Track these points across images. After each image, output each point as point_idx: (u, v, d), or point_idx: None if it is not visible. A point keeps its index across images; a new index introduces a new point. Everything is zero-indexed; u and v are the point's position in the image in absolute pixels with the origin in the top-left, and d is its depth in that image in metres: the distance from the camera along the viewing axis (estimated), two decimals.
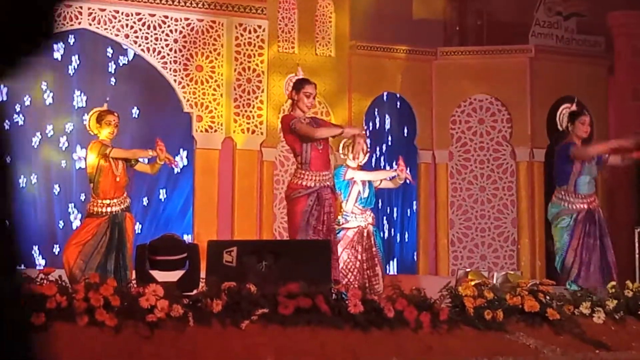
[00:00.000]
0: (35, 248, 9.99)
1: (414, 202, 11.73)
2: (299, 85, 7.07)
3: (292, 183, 7.07)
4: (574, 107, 7.77)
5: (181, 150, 10.51)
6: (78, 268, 7.57)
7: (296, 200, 6.93)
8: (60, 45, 10.27)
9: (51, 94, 10.23)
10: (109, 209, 7.81)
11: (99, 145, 7.89)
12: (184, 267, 7.13)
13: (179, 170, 10.51)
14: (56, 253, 9.71)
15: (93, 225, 7.79)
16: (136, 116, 10.46)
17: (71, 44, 10.32)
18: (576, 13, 11.91)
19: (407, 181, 8.58)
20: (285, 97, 11.04)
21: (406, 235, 11.62)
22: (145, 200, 10.48)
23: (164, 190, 10.62)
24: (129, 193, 8.12)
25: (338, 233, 7.77)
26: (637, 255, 10.07)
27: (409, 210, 11.77)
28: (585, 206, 7.56)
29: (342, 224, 8.15)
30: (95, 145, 7.90)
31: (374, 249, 8.20)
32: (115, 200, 7.84)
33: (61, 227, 10.04)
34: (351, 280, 7.78)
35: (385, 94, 11.69)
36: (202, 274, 6.77)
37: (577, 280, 7.43)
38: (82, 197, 9.41)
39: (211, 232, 10.19)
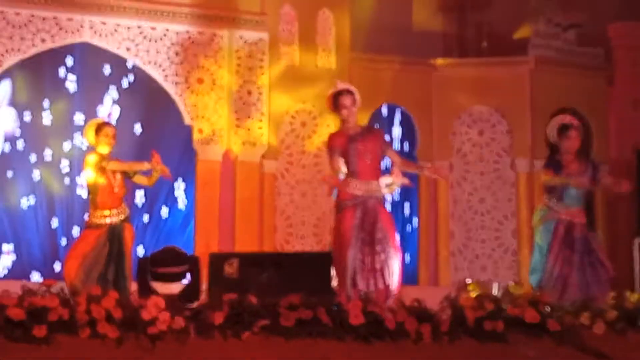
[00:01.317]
0: (36, 274, 9.96)
1: (414, 218, 11.72)
2: (334, 99, 6.94)
3: (339, 192, 6.84)
4: (566, 120, 7.73)
5: (180, 179, 10.47)
6: (79, 280, 7.56)
7: (344, 212, 6.72)
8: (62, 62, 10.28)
9: (51, 114, 10.21)
10: (107, 220, 7.79)
11: (96, 157, 7.87)
12: (185, 279, 7.14)
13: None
14: (56, 272, 9.64)
15: (92, 237, 7.77)
16: (138, 129, 10.45)
17: (71, 62, 10.32)
18: (575, 24, 11.94)
19: (403, 186, 8.56)
20: (286, 109, 11.12)
21: (407, 256, 11.51)
22: (146, 217, 10.44)
23: (167, 209, 10.57)
24: (128, 203, 8.10)
25: None
26: (636, 266, 10.07)
27: (409, 226, 11.74)
28: (568, 218, 7.52)
29: None
30: (93, 158, 7.88)
31: None
32: (114, 211, 7.83)
33: (63, 246, 9.99)
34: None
35: (385, 105, 11.70)
36: (204, 286, 6.80)
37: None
38: (86, 217, 9.41)
39: (212, 244, 10.19)
